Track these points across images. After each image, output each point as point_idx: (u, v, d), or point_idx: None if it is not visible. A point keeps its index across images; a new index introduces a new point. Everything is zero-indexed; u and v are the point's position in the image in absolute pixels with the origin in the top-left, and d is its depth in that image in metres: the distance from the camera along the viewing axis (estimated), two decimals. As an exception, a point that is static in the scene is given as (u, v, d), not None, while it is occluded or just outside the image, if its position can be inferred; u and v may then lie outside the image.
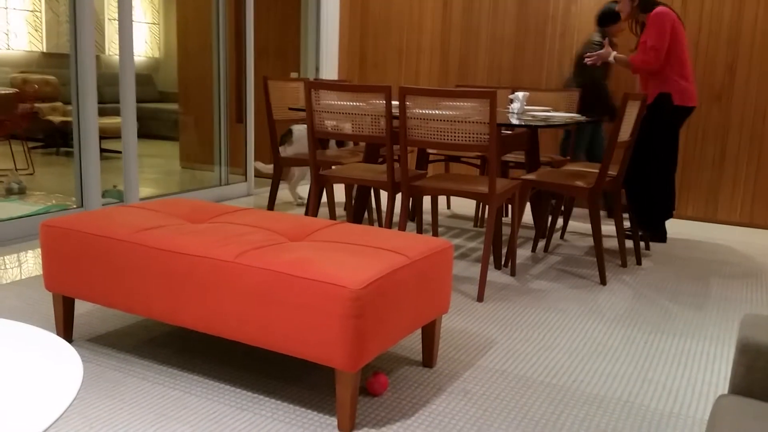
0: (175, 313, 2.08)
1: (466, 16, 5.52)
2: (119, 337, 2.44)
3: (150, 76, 9.61)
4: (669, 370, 2.37)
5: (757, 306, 3.13)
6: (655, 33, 3.79)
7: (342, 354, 1.80)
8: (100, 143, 4.03)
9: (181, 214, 2.46)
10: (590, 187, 3.31)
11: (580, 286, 3.29)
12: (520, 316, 2.84)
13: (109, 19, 8.84)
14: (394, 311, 1.93)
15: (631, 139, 3.50)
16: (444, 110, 2.98)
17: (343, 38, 5.99)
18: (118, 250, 2.15)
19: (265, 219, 2.41)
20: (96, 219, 2.30)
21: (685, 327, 2.80)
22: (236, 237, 2.13)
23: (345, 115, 3.28)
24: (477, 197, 3.05)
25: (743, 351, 1.34)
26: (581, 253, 3.93)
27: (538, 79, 5.32)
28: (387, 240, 2.16)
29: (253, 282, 1.91)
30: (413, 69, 5.78)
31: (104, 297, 2.22)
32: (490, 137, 2.89)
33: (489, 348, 2.49)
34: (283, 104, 4.17)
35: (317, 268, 1.85)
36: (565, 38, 5.19)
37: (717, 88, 4.77)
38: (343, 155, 4.19)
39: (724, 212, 4.87)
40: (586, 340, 2.62)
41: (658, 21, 3.80)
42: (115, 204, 4.31)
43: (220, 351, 2.35)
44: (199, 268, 2.00)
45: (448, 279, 2.25)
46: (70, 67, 3.90)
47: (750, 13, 4.62)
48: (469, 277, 3.35)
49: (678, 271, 3.64)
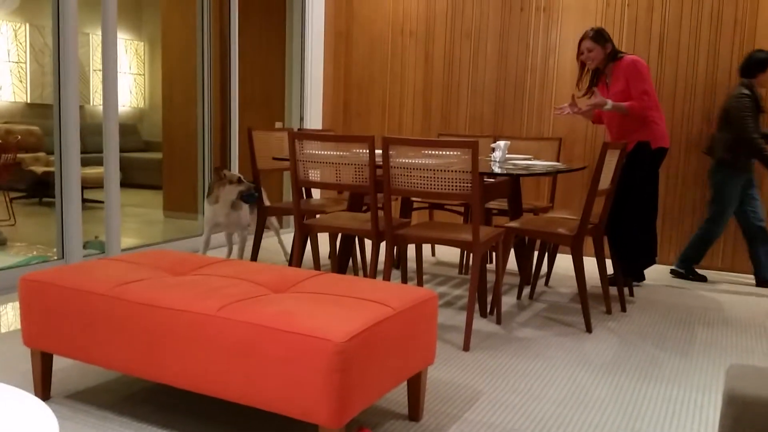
0: (155, 370, 2.03)
1: (447, 68, 5.61)
2: (98, 394, 2.38)
3: (135, 126, 9.65)
4: (657, 419, 2.35)
5: (742, 352, 3.13)
6: (642, 78, 3.86)
7: (326, 410, 1.77)
8: (83, 193, 4.01)
9: (162, 267, 2.44)
10: (573, 234, 3.33)
11: (566, 334, 3.28)
12: (506, 365, 2.82)
13: (94, 70, 8.91)
14: (379, 364, 1.91)
15: (611, 186, 3.54)
16: (427, 159, 3.00)
17: (327, 89, 6.06)
18: (98, 305, 2.12)
19: (248, 270, 2.39)
20: (75, 273, 2.26)
21: (672, 374, 2.79)
22: (218, 290, 2.10)
23: (328, 164, 3.29)
24: (461, 245, 3.05)
25: (730, 403, 1.33)
26: (566, 299, 3.93)
27: (519, 128, 5.40)
28: (371, 290, 2.15)
29: (235, 336, 1.88)
30: (396, 119, 5.85)
31: (83, 353, 2.17)
32: (473, 186, 2.91)
33: (476, 399, 2.46)
34: (267, 154, 4.18)
35: (300, 321, 1.83)
36: (544, 88, 5.29)
37: (695, 137, 4.86)
38: (327, 204, 4.20)
39: (706, 258, 4.91)
40: (573, 389, 2.59)
41: (640, 67, 3.87)
42: (96, 255, 4.26)
43: (202, 408, 2.30)
44: (179, 322, 1.97)
45: (433, 329, 2.23)
46: (53, 118, 3.91)
47: (725, 63, 4.74)
48: (455, 325, 3.33)
49: (663, 318, 3.64)
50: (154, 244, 4.82)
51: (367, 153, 3.17)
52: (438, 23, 5.62)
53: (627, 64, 3.90)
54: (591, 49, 4.01)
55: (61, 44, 3.85)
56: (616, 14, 5.01)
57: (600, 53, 3.99)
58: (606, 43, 3.98)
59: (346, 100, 6.05)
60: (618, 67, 3.95)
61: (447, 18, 5.58)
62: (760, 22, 4.63)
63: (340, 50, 6.03)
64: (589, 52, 4.01)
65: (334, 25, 6.03)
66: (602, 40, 3.97)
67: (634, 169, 3.97)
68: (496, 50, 5.42)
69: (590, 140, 5.18)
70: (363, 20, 5.90)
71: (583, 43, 4.01)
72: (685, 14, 4.83)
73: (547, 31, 5.24)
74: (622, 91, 3.94)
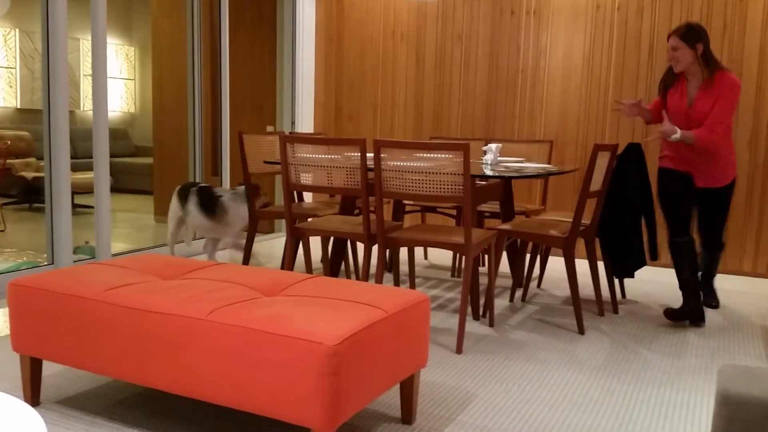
0: (146, 374, 2.02)
1: (438, 71, 5.62)
2: (88, 399, 2.36)
3: (125, 131, 9.61)
4: (650, 422, 2.35)
5: (733, 353, 3.13)
6: (731, 106, 3.34)
7: (318, 413, 1.76)
8: (73, 198, 3.99)
9: (152, 271, 2.42)
10: (564, 236, 3.33)
11: (558, 336, 3.28)
12: (499, 368, 2.81)
13: (85, 75, 8.88)
14: (371, 367, 1.90)
15: (603, 188, 3.55)
16: (419, 162, 3.00)
17: (319, 92, 6.06)
18: (87, 310, 2.10)
19: (239, 274, 2.37)
20: (65, 277, 2.25)
21: (664, 376, 2.79)
22: (209, 293, 2.09)
23: (320, 167, 3.29)
24: (453, 248, 3.05)
25: (723, 403, 1.33)
26: (558, 302, 3.93)
27: (511, 131, 5.41)
28: (363, 293, 2.14)
29: (226, 340, 1.87)
30: (388, 122, 5.85)
31: (73, 358, 2.15)
32: (465, 188, 2.91)
33: (469, 402, 2.45)
34: (258, 158, 4.17)
35: (292, 324, 1.82)
36: (535, 91, 5.31)
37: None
38: (319, 207, 4.19)
39: (698, 259, 4.92)
40: (566, 392, 2.59)
41: (737, 93, 3.32)
42: (86, 260, 4.24)
43: (193, 412, 2.28)
44: (170, 326, 1.96)
45: (425, 332, 2.22)
46: (43, 123, 3.89)
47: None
48: (448, 328, 3.32)
49: (654, 319, 3.64)
50: (144, 249, 4.80)
51: (358, 156, 3.16)
52: (429, 26, 5.62)
53: (727, 83, 3.33)
54: (676, 48, 3.40)
55: (50, 49, 3.83)
56: (606, 18, 5.03)
57: (688, 55, 3.38)
58: (696, 44, 3.37)
59: (337, 104, 6.05)
60: (714, 83, 3.36)
61: (438, 21, 5.59)
62: (748, 26, 4.66)
63: (331, 53, 6.03)
64: (674, 51, 3.41)
65: (325, 29, 6.03)
66: (691, 40, 3.36)
67: (624, 171, 3.97)
68: (487, 53, 5.43)
69: (581, 142, 5.20)
70: (354, 23, 5.91)
71: (670, 40, 3.42)
72: (675, 18, 4.85)
73: (537, 35, 5.26)
74: (707, 112, 3.39)
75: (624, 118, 5.00)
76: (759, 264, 4.77)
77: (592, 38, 5.09)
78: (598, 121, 5.12)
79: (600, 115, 5.11)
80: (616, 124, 5.07)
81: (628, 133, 5.03)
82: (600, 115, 5.11)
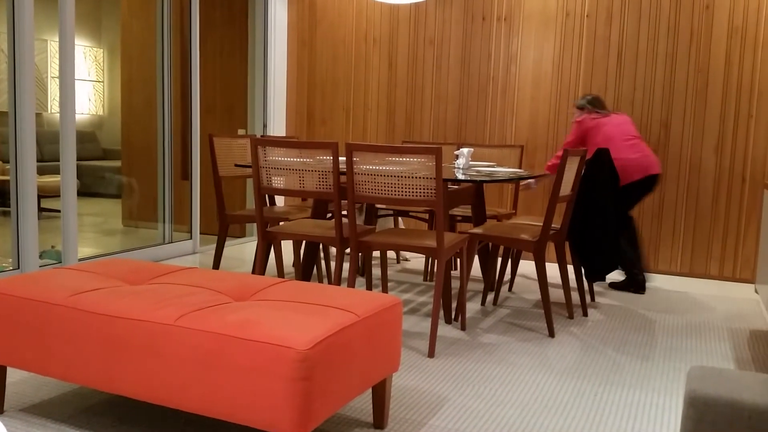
0: (113, 381, 1.98)
1: (411, 75, 5.64)
2: (54, 407, 2.31)
3: (94, 134, 9.46)
4: (619, 423, 2.37)
5: (701, 355, 3.18)
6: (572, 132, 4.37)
7: (289, 419, 1.74)
8: (39, 202, 3.91)
9: (120, 276, 2.38)
10: (535, 240, 3.35)
11: (529, 339, 3.29)
12: (471, 371, 2.82)
13: (53, 77, 8.72)
14: (343, 371, 1.89)
15: (572, 193, 3.58)
16: (391, 166, 3.00)
17: (291, 95, 6.03)
18: (52, 315, 2.06)
19: (209, 278, 2.34)
20: (29, 282, 2.20)
21: (633, 378, 2.82)
22: (177, 298, 2.06)
23: (292, 171, 3.27)
24: (426, 252, 3.05)
25: (691, 404, 1.34)
26: (529, 305, 3.96)
27: (482, 135, 5.44)
28: (335, 297, 2.13)
29: (195, 346, 1.84)
30: (360, 126, 5.84)
31: (38, 364, 2.11)
32: (437, 192, 2.92)
33: (441, 406, 2.45)
34: (229, 161, 4.14)
35: (262, 329, 1.80)
36: (506, 96, 5.34)
37: (653, 143, 4.96)
38: (291, 211, 4.16)
39: (665, 262, 5.00)
40: (537, 394, 2.60)
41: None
42: (53, 265, 4.15)
43: (161, 419, 2.25)
44: (137, 332, 1.93)
45: (398, 336, 2.21)
46: (9, 126, 3.80)
47: (682, 73, 4.85)
48: (420, 332, 3.32)
49: (624, 322, 3.69)
50: (112, 253, 4.72)
51: (330, 159, 3.15)
52: (401, 30, 5.64)
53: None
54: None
55: (17, 50, 3.76)
56: (576, 25, 5.09)
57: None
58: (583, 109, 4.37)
59: (309, 107, 6.03)
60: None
61: (410, 25, 5.61)
62: (714, 33, 4.75)
63: (303, 57, 6.01)
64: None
65: (297, 31, 6.00)
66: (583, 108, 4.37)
67: (594, 176, 4.02)
68: (459, 58, 5.46)
69: (551, 147, 5.25)
70: (326, 27, 5.89)
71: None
72: (643, 25, 4.93)
73: (508, 41, 5.30)
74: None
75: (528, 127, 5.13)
76: (725, 268, 4.86)
77: (561, 45, 5.15)
78: (568, 126, 5.17)
79: (569, 120, 5.16)
80: (585, 129, 5.12)
81: (597, 138, 5.09)
82: (569, 121, 5.16)
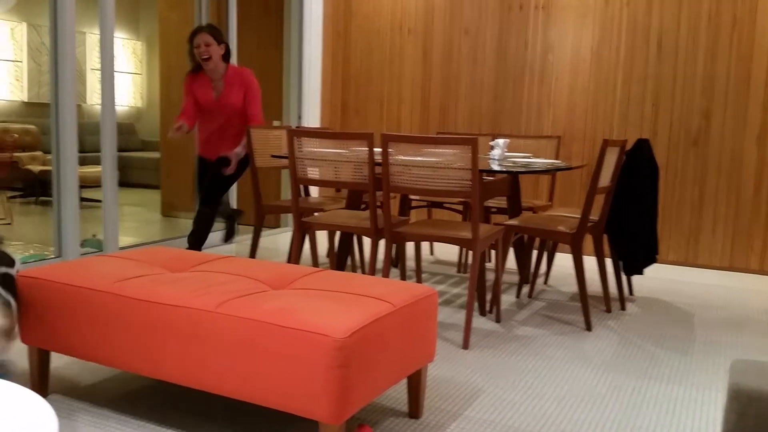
0: (154, 366, 2.02)
1: (445, 65, 5.61)
2: (96, 391, 2.37)
3: (132, 125, 9.62)
4: (658, 417, 2.34)
5: (741, 350, 3.12)
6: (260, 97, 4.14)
7: (326, 406, 1.76)
8: (80, 192, 4.00)
9: (161, 263, 2.43)
10: (572, 232, 3.32)
11: (565, 332, 3.27)
12: (506, 363, 2.81)
13: (92, 69, 8.88)
14: (379, 361, 1.90)
15: (611, 184, 3.53)
16: (426, 157, 3.00)
17: (325, 87, 6.05)
18: (96, 301, 2.10)
19: (247, 267, 2.37)
20: (73, 269, 2.25)
21: (672, 372, 2.78)
22: (217, 286, 2.09)
23: (327, 162, 3.28)
24: (461, 243, 3.04)
25: (734, 398, 1.32)
26: (565, 298, 3.92)
27: (518, 126, 5.39)
28: (371, 287, 2.14)
29: (235, 332, 1.87)
30: (394, 117, 5.84)
31: (81, 349, 2.16)
32: (472, 183, 2.90)
33: (476, 397, 2.45)
34: (265, 152, 4.17)
35: (300, 317, 1.82)
36: (542, 86, 5.29)
37: (694, 134, 4.86)
38: (326, 202, 4.19)
39: (705, 256, 4.91)
40: (573, 387, 2.58)
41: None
42: (94, 253, 4.25)
43: (200, 404, 2.29)
44: (179, 318, 1.96)
45: (433, 326, 2.22)
46: (50, 117, 3.89)
47: (723, 62, 4.74)
48: (454, 324, 3.32)
49: (662, 316, 3.63)
50: (151, 242, 4.80)
51: (366, 150, 3.16)
52: (436, 20, 5.61)
53: (250, 76, 4.05)
54: (209, 44, 3.95)
55: (58, 43, 3.83)
56: (615, 13, 5.01)
57: (217, 51, 3.97)
58: (221, 43, 3.99)
59: (344, 98, 6.04)
60: (237, 75, 4.04)
61: (445, 15, 5.58)
62: (758, 20, 4.63)
63: (338, 48, 6.02)
64: (207, 46, 3.95)
65: (332, 23, 6.02)
66: (219, 37, 3.97)
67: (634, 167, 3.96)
68: (495, 48, 5.42)
69: (589, 138, 5.18)
70: (361, 18, 5.89)
71: (202, 36, 3.95)
72: (684, 13, 4.83)
73: (545, 30, 5.24)
74: (237, 102, 4.05)
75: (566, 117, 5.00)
76: (766, 262, 4.75)
77: (600, 33, 5.07)
78: (606, 116, 5.10)
79: (608, 110, 5.09)
80: (624, 119, 5.05)
81: (636, 129, 5.02)
82: (608, 111, 5.09)
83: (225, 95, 4.05)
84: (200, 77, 4.11)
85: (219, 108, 4.09)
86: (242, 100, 4.06)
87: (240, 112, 4.10)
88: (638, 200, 4.02)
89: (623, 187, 4.03)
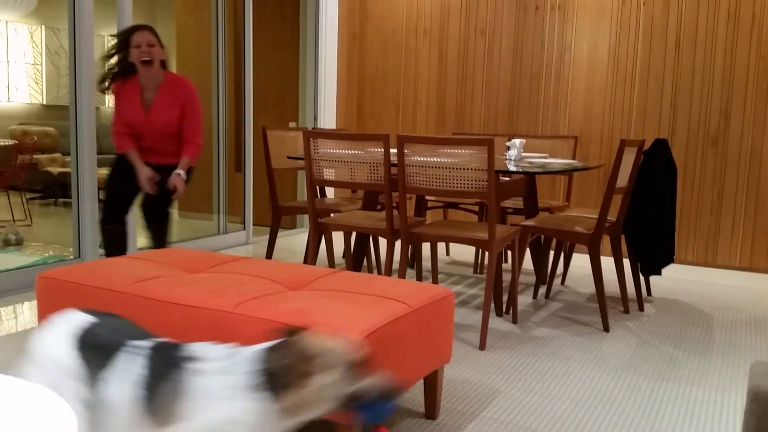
0: (173, 366, 2.03)
1: (461, 66, 5.60)
2: (115, 391, 2.38)
3: (149, 127, 9.69)
4: (677, 420, 2.32)
5: (761, 352, 3.09)
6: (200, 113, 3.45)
7: (343, 406, 1.76)
8: (99, 194, 4.03)
9: (178, 264, 2.44)
10: (590, 232, 3.30)
11: (583, 333, 3.25)
12: (523, 364, 2.80)
13: (110, 71, 8.95)
14: (395, 361, 1.90)
15: (629, 184, 3.51)
16: (442, 158, 2.99)
17: (341, 88, 6.06)
18: (115, 302, 2.12)
19: (264, 268, 2.38)
20: (92, 270, 2.27)
21: (690, 375, 2.76)
22: (235, 287, 2.10)
23: (343, 163, 3.29)
24: (477, 244, 3.03)
25: (755, 400, 1.31)
26: (583, 299, 3.90)
27: (534, 127, 5.37)
28: (387, 288, 2.14)
29: (252, 333, 1.88)
30: (410, 118, 5.84)
31: (100, 350, 2.18)
32: (489, 184, 2.90)
33: (492, 398, 2.44)
34: (282, 153, 4.19)
35: (317, 318, 1.82)
36: (559, 86, 5.26)
37: (712, 134, 4.81)
38: (341, 203, 4.19)
39: (724, 257, 4.86)
40: (591, 389, 2.57)
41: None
42: (112, 254, 4.28)
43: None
44: (197, 318, 1.97)
45: (449, 327, 2.21)
46: (69, 119, 3.93)
47: (742, 60, 4.69)
48: (471, 324, 3.31)
49: (681, 317, 3.60)
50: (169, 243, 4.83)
51: (381, 151, 3.16)
52: (452, 21, 5.60)
53: (190, 88, 3.42)
54: (153, 44, 3.35)
55: (77, 46, 3.87)
56: (632, 11, 4.98)
57: (159, 54, 3.36)
58: (163, 47, 3.41)
59: (359, 100, 6.05)
60: (175, 85, 3.40)
61: (461, 16, 5.57)
62: (778, 18, 4.58)
63: (353, 50, 6.03)
64: (150, 46, 3.34)
65: (347, 25, 6.03)
66: (160, 40, 3.40)
67: (651, 167, 3.93)
68: (511, 48, 5.40)
69: (606, 138, 5.15)
70: (376, 20, 5.90)
71: (144, 35, 3.35)
72: (702, 11, 4.78)
73: (562, 29, 5.21)
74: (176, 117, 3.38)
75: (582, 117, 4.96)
76: (787, 262, 4.69)
77: (617, 33, 5.04)
78: (623, 116, 5.07)
79: (625, 110, 5.05)
80: (641, 119, 5.01)
81: (653, 129, 4.98)
82: (625, 111, 5.06)
83: (156, 112, 3.37)
84: (129, 85, 3.40)
85: (149, 125, 3.40)
86: (178, 118, 3.38)
87: (175, 134, 3.42)
88: (656, 200, 3.99)
89: (641, 187, 4.00)
